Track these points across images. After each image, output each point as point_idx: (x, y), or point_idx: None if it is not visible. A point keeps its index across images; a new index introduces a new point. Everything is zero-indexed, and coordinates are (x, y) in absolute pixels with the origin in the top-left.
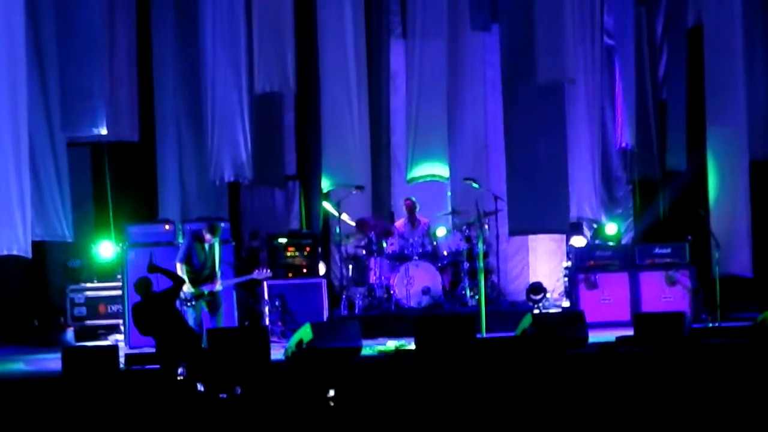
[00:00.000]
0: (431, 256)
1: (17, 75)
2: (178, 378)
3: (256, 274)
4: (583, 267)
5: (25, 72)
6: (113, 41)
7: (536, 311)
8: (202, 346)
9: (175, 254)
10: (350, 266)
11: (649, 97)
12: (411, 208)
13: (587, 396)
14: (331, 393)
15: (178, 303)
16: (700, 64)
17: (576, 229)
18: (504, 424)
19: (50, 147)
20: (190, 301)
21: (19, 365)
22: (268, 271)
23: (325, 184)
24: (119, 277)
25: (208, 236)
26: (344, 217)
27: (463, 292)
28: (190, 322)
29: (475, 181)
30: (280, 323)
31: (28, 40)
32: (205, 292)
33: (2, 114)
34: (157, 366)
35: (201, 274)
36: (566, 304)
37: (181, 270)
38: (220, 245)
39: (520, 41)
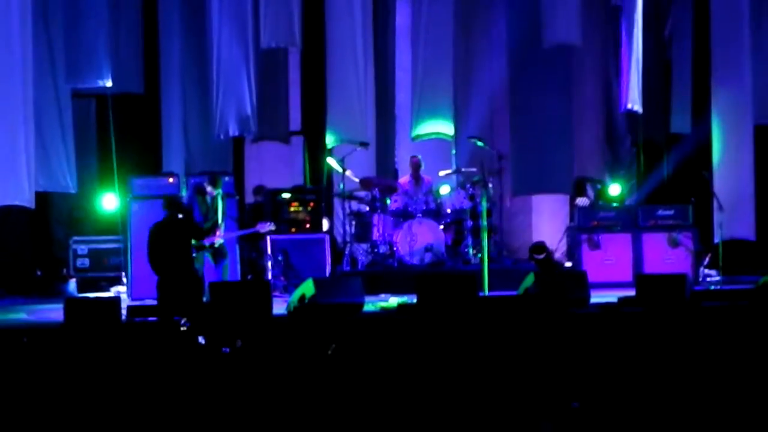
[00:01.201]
0: (435, 213)
1: (22, 27)
2: (180, 329)
3: (259, 227)
4: (587, 227)
5: (30, 24)
6: None
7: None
8: (203, 295)
9: None
10: (353, 222)
11: (655, 59)
12: (416, 166)
13: (588, 356)
14: (332, 348)
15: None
16: (706, 26)
17: (579, 189)
18: (504, 382)
19: (55, 98)
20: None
21: (21, 315)
22: (272, 224)
23: (330, 140)
24: (122, 229)
25: (209, 189)
26: (348, 173)
27: (466, 250)
28: None
29: (480, 140)
30: (282, 278)
31: None
32: (206, 245)
33: (7, 66)
34: (158, 317)
35: (203, 227)
36: (569, 263)
37: None
38: (223, 199)
39: (526, 2)
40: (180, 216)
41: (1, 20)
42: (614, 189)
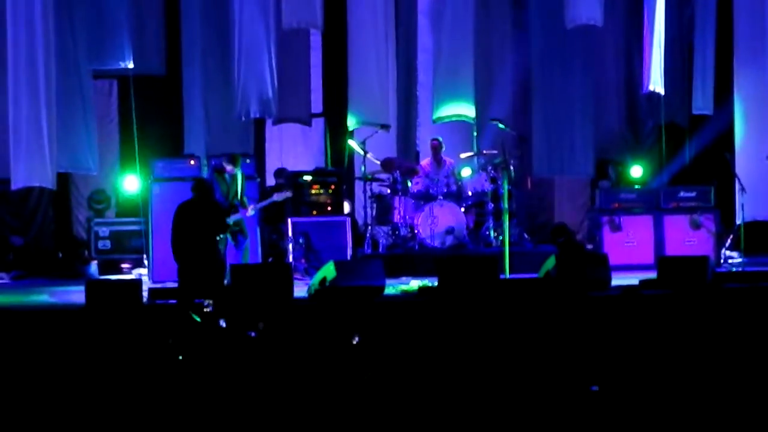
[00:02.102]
0: (456, 196)
1: (44, 9)
2: (204, 311)
3: (276, 197)
4: (608, 209)
5: (52, 5)
6: None
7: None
8: (225, 278)
9: None
10: (374, 205)
11: (677, 40)
12: (437, 148)
13: (610, 338)
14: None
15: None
16: (729, 7)
17: (601, 171)
18: (526, 365)
19: (76, 79)
20: None
21: (43, 297)
22: (288, 192)
23: (351, 123)
24: (143, 211)
25: (229, 167)
26: (369, 155)
27: (488, 232)
28: None
29: (501, 122)
30: (303, 261)
31: None
32: (230, 223)
33: (29, 47)
34: (179, 300)
35: (225, 206)
36: (590, 246)
37: None
38: (243, 179)
39: None
40: (207, 199)
41: (23, 2)
42: (636, 171)
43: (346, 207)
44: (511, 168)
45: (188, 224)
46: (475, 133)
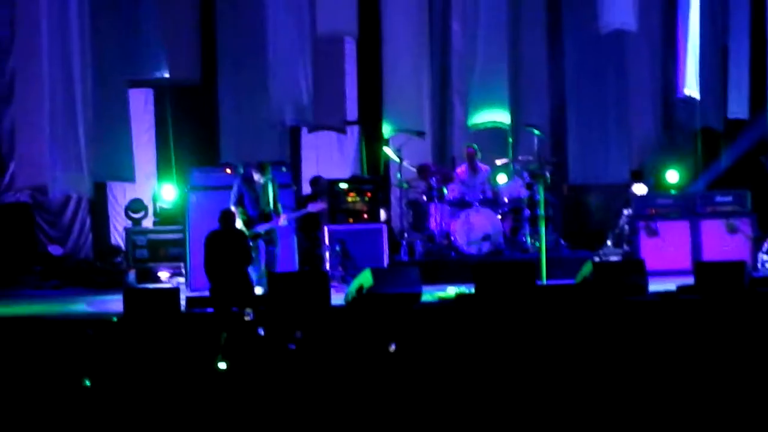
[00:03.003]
0: (492, 202)
1: (80, 20)
2: (245, 320)
3: (311, 207)
4: (644, 215)
5: (88, 16)
6: None
7: (596, 259)
8: (255, 294)
9: None
10: (411, 212)
11: (712, 44)
12: (472, 156)
13: (647, 344)
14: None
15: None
16: (763, 10)
17: (637, 176)
18: (563, 371)
19: (113, 89)
20: None
21: (80, 306)
22: (323, 204)
23: (386, 130)
24: (181, 220)
25: (257, 176)
26: (405, 162)
27: (524, 239)
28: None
29: (536, 128)
30: (340, 268)
31: None
32: (261, 232)
33: (65, 57)
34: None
35: (256, 215)
36: (627, 251)
37: (236, 213)
38: (275, 187)
39: None
40: (233, 230)
41: (59, 13)
42: (672, 176)
43: (383, 214)
44: (547, 174)
45: (217, 254)
46: (510, 140)
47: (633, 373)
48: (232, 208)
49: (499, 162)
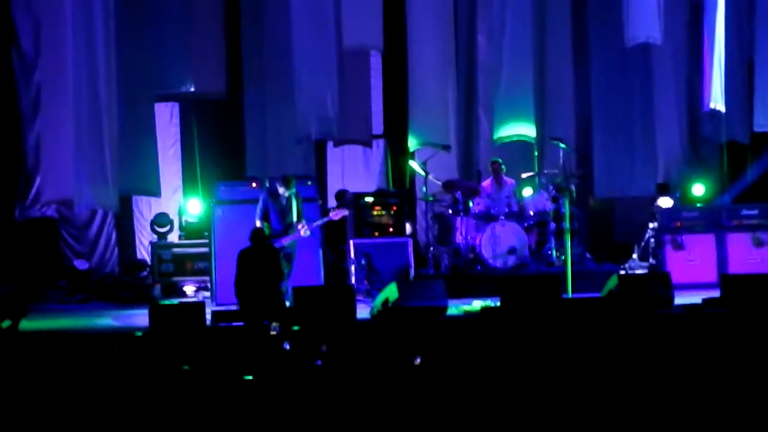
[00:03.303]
0: (517, 216)
1: (106, 34)
2: (271, 334)
3: (332, 215)
4: (670, 228)
5: (114, 30)
6: None
7: (622, 272)
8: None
9: None
10: (436, 225)
11: (738, 57)
12: (497, 170)
13: (673, 357)
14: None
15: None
16: None
17: (663, 189)
18: (589, 385)
19: (138, 103)
20: None
21: (106, 321)
22: (345, 211)
23: (412, 144)
24: (206, 234)
25: (281, 189)
26: (430, 176)
27: (549, 252)
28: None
29: (562, 141)
30: (365, 282)
31: None
32: (286, 245)
33: (91, 71)
34: (242, 323)
35: (281, 228)
36: (653, 264)
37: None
38: (299, 200)
39: (606, 1)
40: (264, 247)
41: (84, 27)
42: (698, 189)
43: (408, 228)
44: (572, 187)
45: (250, 272)
46: (536, 153)
47: (658, 385)
48: (258, 223)
49: (524, 175)
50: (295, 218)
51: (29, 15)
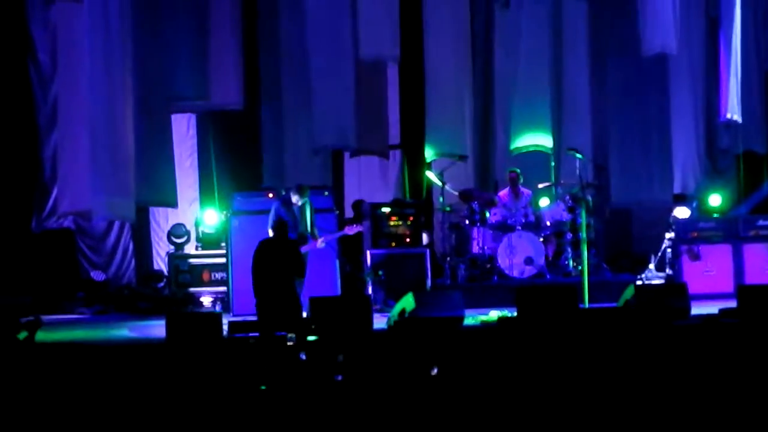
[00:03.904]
0: (534, 226)
1: (123, 45)
2: (284, 344)
3: (347, 230)
4: (687, 238)
5: (131, 42)
6: (218, 10)
7: (639, 282)
8: (302, 315)
9: None
10: (453, 236)
11: (755, 68)
12: (514, 180)
13: (690, 367)
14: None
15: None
16: None
17: (679, 200)
18: (606, 395)
19: (155, 114)
20: None
21: (123, 332)
22: (360, 227)
23: (428, 154)
24: (223, 244)
25: (295, 198)
26: (447, 186)
27: (566, 262)
28: None
29: (578, 152)
30: (382, 292)
31: (133, 7)
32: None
33: (107, 81)
34: (258, 333)
35: (293, 238)
36: (669, 275)
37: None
38: (312, 210)
39: (623, 11)
40: (286, 240)
41: (101, 39)
42: (714, 200)
43: (425, 238)
44: (589, 197)
45: (267, 263)
46: (552, 163)
47: (675, 395)
48: (270, 232)
49: (541, 186)
50: (308, 228)
51: (46, 28)
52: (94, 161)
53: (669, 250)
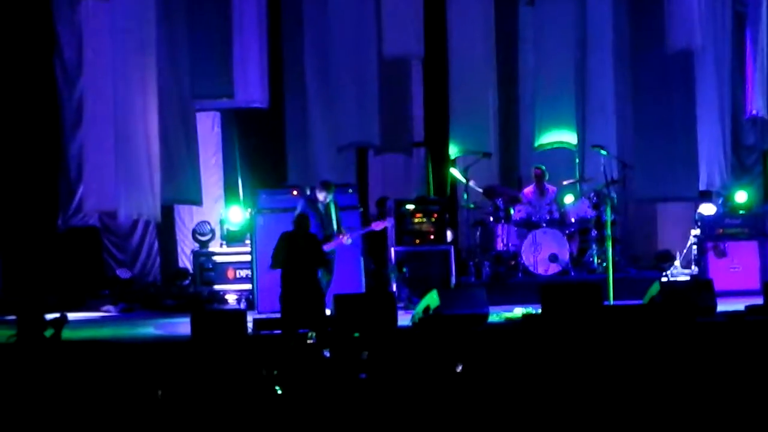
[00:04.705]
0: (559, 223)
1: (147, 43)
2: (306, 342)
3: (374, 225)
4: (712, 235)
5: (156, 39)
6: (243, 8)
7: (664, 279)
8: (324, 309)
9: None
10: (477, 233)
11: None
12: (540, 177)
13: (716, 365)
14: (459, 368)
15: None
16: None
17: (705, 196)
18: (631, 392)
19: (180, 113)
20: None
21: (149, 329)
22: (387, 222)
23: (453, 151)
24: (248, 242)
25: (322, 195)
26: (471, 183)
27: (591, 259)
28: None
29: (603, 148)
30: (407, 289)
31: (158, 5)
32: (326, 251)
33: (133, 80)
34: (283, 330)
35: (320, 235)
36: (695, 271)
37: None
38: (337, 207)
39: (648, 7)
40: (307, 233)
41: (126, 38)
42: (740, 196)
43: (449, 235)
44: (614, 194)
45: (289, 254)
46: (577, 160)
47: (700, 393)
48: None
49: (565, 182)
50: (334, 226)
51: (72, 26)
52: (119, 159)
53: (695, 247)
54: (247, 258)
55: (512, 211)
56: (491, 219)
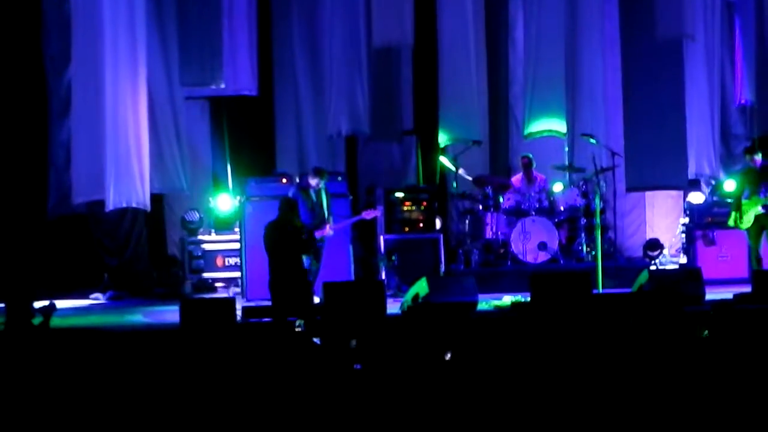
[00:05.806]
0: (548, 211)
1: (136, 30)
2: (296, 330)
3: (364, 214)
4: (701, 224)
5: (145, 26)
6: None
7: (653, 267)
8: (312, 296)
9: None
10: (467, 221)
11: None
12: (527, 166)
13: (703, 353)
14: (448, 355)
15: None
16: None
17: (694, 185)
18: (620, 381)
19: (169, 100)
20: None
21: (138, 317)
22: (377, 211)
23: (443, 139)
24: (237, 229)
25: (314, 181)
26: (461, 171)
27: (580, 247)
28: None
29: (592, 137)
30: (396, 277)
31: None
32: (317, 238)
33: (121, 68)
34: (272, 318)
35: (311, 222)
36: (683, 260)
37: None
38: (328, 194)
39: None
40: (289, 219)
41: (115, 25)
42: (729, 185)
43: (438, 223)
44: (603, 183)
45: (272, 244)
46: (566, 148)
47: (689, 381)
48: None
49: (553, 166)
50: (325, 213)
51: (60, 13)
52: (107, 148)
53: (683, 235)
54: (236, 246)
55: (501, 200)
56: (480, 207)
